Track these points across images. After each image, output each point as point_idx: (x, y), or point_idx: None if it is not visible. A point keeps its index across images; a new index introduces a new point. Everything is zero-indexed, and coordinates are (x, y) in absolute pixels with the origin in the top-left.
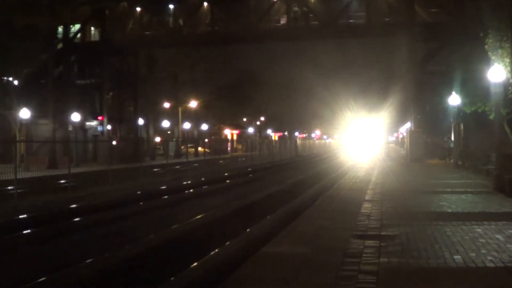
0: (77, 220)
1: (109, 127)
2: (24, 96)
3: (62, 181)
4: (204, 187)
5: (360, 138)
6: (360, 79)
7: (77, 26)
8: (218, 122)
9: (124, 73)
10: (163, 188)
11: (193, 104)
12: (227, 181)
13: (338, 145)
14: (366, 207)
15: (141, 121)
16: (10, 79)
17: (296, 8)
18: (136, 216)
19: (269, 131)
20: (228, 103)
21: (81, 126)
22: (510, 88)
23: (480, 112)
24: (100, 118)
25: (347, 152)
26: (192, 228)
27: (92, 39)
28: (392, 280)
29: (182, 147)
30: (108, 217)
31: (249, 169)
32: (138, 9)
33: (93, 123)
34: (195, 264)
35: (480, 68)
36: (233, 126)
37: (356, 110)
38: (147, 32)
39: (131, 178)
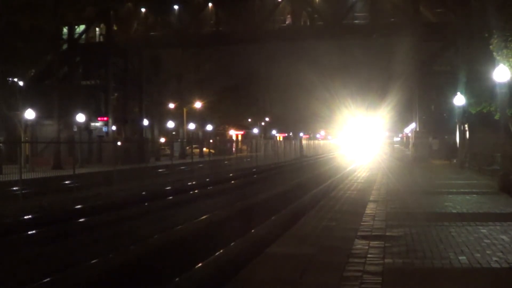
0: (82, 221)
1: (114, 127)
2: (29, 97)
3: (67, 182)
4: (209, 187)
5: (364, 138)
6: (359, 79)
7: (82, 27)
8: (223, 123)
9: (129, 73)
10: (168, 189)
11: (198, 104)
12: (232, 181)
13: (342, 145)
14: (371, 207)
15: (146, 122)
16: (16, 80)
17: (303, 12)
18: (141, 216)
19: (274, 132)
20: (233, 103)
21: (86, 127)
22: None
23: (485, 112)
24: (102, 118)
25: (351, 152)
26: (197, 228)
27: (97, 40)
28: (397, 280)
29: (187, 147)
30: (113, 218)
31: (254, 170)
32: (143, 9)
33: (98, 123)
34: (200, 264)
35: (485, 68)
36: (238, 126)
37: (356, 110)
38: (151, 33)
39: (136, 179)
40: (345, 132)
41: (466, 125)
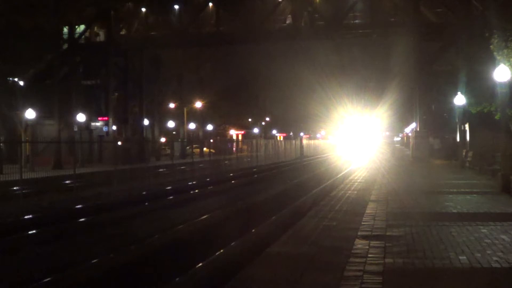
0: (82, 221)
1: (114, 127)
2: (29, 96)
3: (67, 182)
4: (209, 187)
5: (364, 138)
6: (358, 79)
7: (83, 27)
8: (223, 123)
9: (129, 73)
10: (169, 189)
11: (198, 104)
12: (232, 181)
13: (342, 145)
14: (371, 207)
15: (146, 122)
16: (16, 79)
17: (304, 12)
18: (141, 216)
19: (274, 132)
20: (233, 103)
21: (86, 126)
22: None
23: (486, 112)
24: (103, 118)
25: (351, 152)
26: (198, 228)
27: (98, 39)
28: (397, 280)
29: (188, 147)
30: (113, 218)
31: (254, 170)
32: (143, 9)
33: (99, 123)
34: (200, 264)
35: (485, 68)
36: (238, 126)
37: (354, 110)
38: (152, 33)
39: (136, 179)
40: (345, 132)
41: (466, 125)
